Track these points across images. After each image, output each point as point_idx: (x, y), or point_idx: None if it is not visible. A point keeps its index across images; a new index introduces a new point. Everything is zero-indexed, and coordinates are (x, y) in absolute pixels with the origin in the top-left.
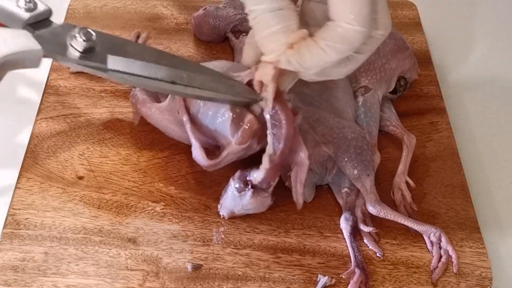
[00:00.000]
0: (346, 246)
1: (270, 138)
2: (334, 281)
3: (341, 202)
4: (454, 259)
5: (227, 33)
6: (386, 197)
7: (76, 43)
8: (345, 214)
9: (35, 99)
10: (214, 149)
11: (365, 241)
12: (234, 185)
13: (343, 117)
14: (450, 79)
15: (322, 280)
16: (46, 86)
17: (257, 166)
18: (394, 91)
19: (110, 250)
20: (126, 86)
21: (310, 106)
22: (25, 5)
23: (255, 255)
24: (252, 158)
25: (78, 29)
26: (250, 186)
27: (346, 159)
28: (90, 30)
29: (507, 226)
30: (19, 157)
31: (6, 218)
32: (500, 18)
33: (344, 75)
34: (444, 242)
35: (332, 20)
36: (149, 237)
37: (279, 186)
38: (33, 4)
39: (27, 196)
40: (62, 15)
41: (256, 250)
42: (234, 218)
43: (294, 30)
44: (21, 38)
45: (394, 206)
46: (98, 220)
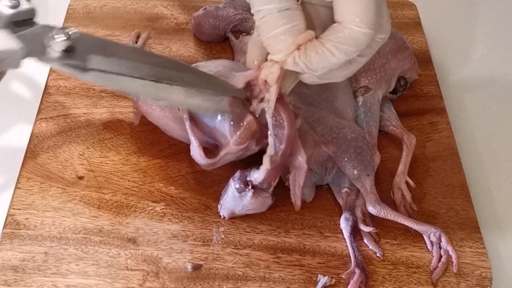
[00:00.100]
0: (346, 246)
1: (271, 139)
2: (334, 281)
3: (341, 202)
4: (454, 259)
5: (227, 33)
6: (386, 197)
7: (56, 43)
8: (345, 214)
9: (35, 99)
10: (213, 148)
11: (365, 241)
12: (234, 185)
13: (343, 117)
14: (450, 79)
15: (322, 280)
16: (46, 86)
17: (257, 166)
18: (394, 91)
19: (110, 250)
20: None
21: (310, 106)
22: (8, 2)
23: (255, 255)
24: (252, 158)
25: (58, 28)
26: (250, 187)
27: (346, 159)
28: (70, 30)
29: (507, 226)
30: (19, 157)
31: (6, 218)
32: (500, 18)
33: (344, 78)
34: (444, 242)
35: (338, 22)
36: (149, 237)
37: (279, 186)
38: (16, 2)
39: (27, 196)
40: (62, 15)
41: (256, 250)
42: (234, 218)
43: (302, 30)
44: (0, 38)
45: (394, 206)
46: (98, 220)
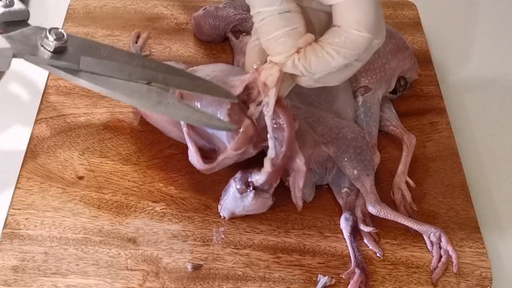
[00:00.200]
0: (346, 246)
1: (271, 142)
2: (334, 281)
3: (341, 202)
4: (454, 259)
5: (227, 33)
6: (386, 197)
7: (46, 43)
8: (345, 214)
9: (35, 99)
10: (211, 151)
11: (365, 241)
12: (235, 186)
13: (343, 117)
14: (450, 79)
15: (322, 280)
16: (46, 86)
17: (258, 168)
18: (394, 91)
19: (110, 250)
20: None
21: (310, 106)
22: (0, 1)
23: (255, 255)
24: (253, 158)
25: (49, 29)
26: (251, 188)
27: (346, 159)
28: (61, 31)
29: (507, 226)
30: (19, 157)
31: (6, 218)
32: (500, 18)
33: (339, 82)
34: (444, 242)
35: (337, 26)
36: (149, 237)
37: (280, 186)
38: (9, 1)
39: (27, 196)
40: (62, 15)
41: (256, 250)
42: (234, 218)
43: (302, 33)
44: None
45: (394, 206)
46: (98, 220)
